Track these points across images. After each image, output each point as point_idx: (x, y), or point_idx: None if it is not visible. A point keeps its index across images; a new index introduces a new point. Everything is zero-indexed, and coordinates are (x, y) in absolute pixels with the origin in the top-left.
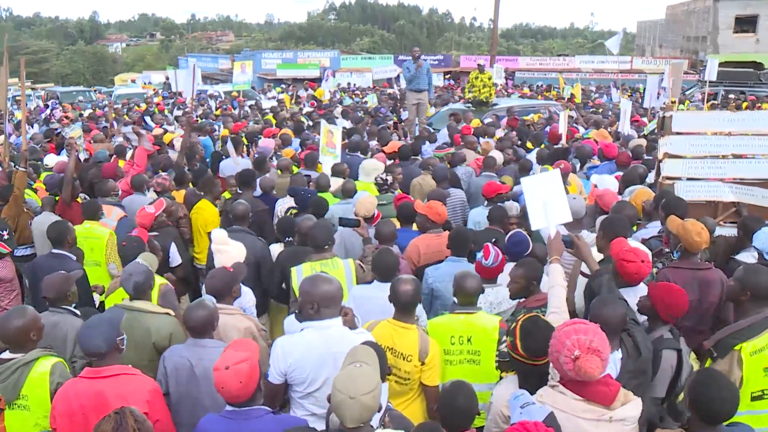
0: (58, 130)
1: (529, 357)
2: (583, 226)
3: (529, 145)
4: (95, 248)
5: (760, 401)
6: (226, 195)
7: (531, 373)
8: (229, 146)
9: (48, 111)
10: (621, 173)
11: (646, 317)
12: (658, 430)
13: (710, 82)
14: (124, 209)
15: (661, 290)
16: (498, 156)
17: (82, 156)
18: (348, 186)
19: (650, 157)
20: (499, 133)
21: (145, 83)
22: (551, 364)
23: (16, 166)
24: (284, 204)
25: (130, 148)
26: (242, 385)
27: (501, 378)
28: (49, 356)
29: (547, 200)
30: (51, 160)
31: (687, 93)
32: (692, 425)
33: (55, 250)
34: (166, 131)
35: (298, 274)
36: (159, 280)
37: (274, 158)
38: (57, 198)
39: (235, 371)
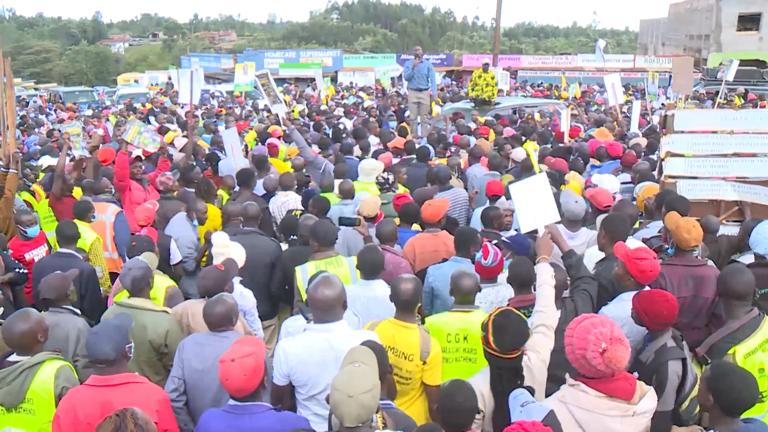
0: (60, 130)
1: (501, 351)
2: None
3: (533, 144)
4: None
5: (758, 404)
6: (223, 194)
7: (503, 367)
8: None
9: (54, 115)
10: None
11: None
12: (675, 428)
13: (712, 80)
14: (119, 205)
15: (643, 301)
16: (521, 155)
17: (77, 153)
18: (345, 186)
19: (653, 156)
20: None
21: (152, 84)
22: (574, 362)
23: (2, 168)
24: (278, 201)
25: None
26: (246, 378)
27: None
28: (54, 359)
29: (536, 203)
30: (45, 160)
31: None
32: (712, 419)
33: (62, 250)
34: (168, 129)
35: (303, 273)
36: (167, 282)
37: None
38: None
39: (240, 364)
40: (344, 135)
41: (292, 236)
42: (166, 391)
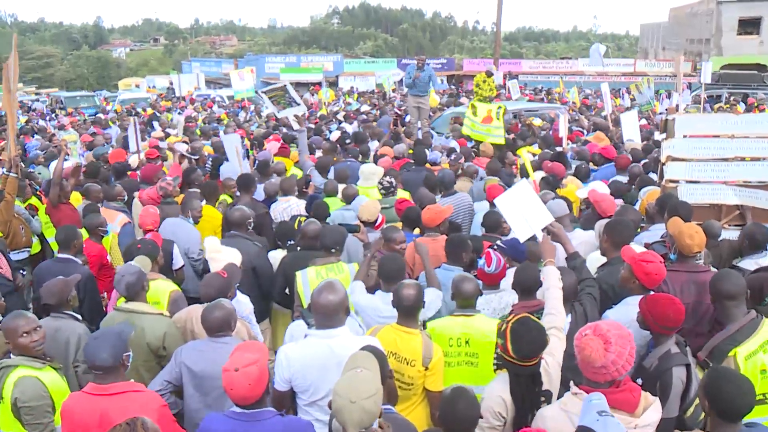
0: (59, 136)
1: (519, 358)
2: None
3: (531, 149)
4: None
5: (761, 406)
6: (227, 198)
7: (522, 374)
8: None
9: (56, 120)
10: (619, 177)
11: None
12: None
13: (714, 84)
14: (129, 215)
15: (649, 304)
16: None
17: (75, 160)
18: (348, 191)
19: (647, 160)
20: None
21: (149, 87)
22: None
23: (3, 172)
24: (279, 207)
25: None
26: (251, 387)
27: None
28: (25, 366)
29: (525, 209)
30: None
31: (692, 94)
32: (712, 424)
33: (61, 255)
34: (168, 135)
35: (303, 278)
36: (170, 287)
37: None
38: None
39: (244, 373)
40: (348, 141)
41: (289, 241)
42: (151, 389)
